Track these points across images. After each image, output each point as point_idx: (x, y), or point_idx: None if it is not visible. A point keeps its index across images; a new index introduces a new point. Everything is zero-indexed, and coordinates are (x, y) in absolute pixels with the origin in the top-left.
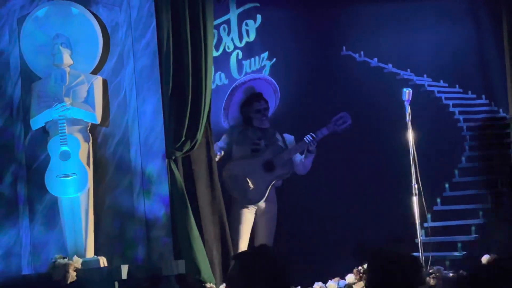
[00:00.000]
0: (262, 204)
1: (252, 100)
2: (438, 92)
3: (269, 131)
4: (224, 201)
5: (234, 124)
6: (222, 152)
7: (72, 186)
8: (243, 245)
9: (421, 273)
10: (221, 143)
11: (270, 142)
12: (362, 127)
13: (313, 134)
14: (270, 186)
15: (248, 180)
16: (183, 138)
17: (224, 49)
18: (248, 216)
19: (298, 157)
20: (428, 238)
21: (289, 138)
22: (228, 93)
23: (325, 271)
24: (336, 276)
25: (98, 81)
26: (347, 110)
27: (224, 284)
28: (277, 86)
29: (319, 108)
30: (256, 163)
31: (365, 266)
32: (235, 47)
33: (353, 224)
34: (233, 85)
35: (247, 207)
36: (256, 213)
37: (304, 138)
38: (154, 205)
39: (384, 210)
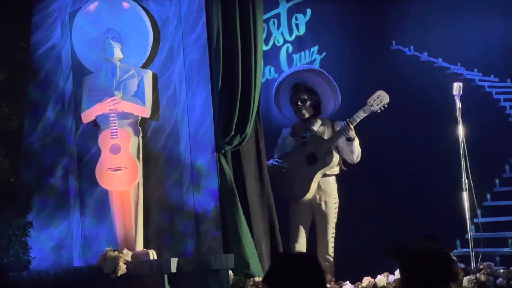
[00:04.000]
0: (317, 197)
1: (292, 92)
2: (489, 86)
3: (313, 121)
4: (280, 197)
5: (292, 116)
6: None
7: (122, 180)
8: (302, 240)
9: (454, 268)
10: (275, 152)
11: (315, 134)
12: (412, 122)
13: (348, 119)
14: (316, 179)
15: (293, 176)
16: (233, 132)
17: (274, 43)
18: (304, 210)
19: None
20: (479, 234)
21: (341, 123)
22: (274, 89)
23: (374, 265)
24: (386, 271)
25: (148, 75)
26: (396, 105)
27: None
28: (328, 75)
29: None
30: (300, 157)
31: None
32: (285, 41)
33: (402, 219)
34: (277, 82)
35: (303, 202)
36: (312, 207)
37: (340, 125)
38: (203, 199)
39: (434, 206)
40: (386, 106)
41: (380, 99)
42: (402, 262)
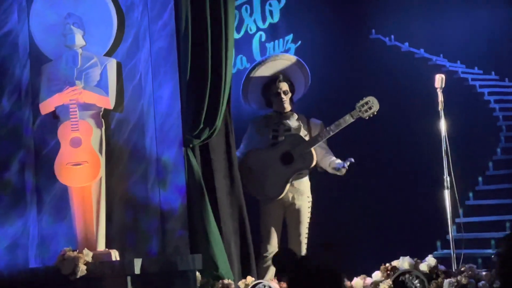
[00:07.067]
0: (290, 197)
1: (271, 81)
2: (473, 79)
3: (289, 115)
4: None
5: (257, 107)
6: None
7: (83, 175)
8: (273, 240)
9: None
10: (243, 143)
11: (289, 128)
12: (391, 115)
13: (351, 160)
14: (290, 180)
15: (265, 174)
16: (201, 125)
17: (246, 31)
18: (275, 209)
19: (328, 159)
20: (460, 234)
21: (316, 122)
22: (245, 75)
23: (351, 267)
24: (362, 274)
25: (112, 64)
26: (376, 97)
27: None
28: (304, 64)
29: (346, 94)
30: (273, 155)
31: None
32: (258, 29)
33: (380, 218)
34: (251, 66)
35: (274, 201)
36: (285, 206)
37: (340, 164)
38: (169, 196)
39: (414, 204)
40: (376, 113)
41: (369, 106)
42: (289, 276)
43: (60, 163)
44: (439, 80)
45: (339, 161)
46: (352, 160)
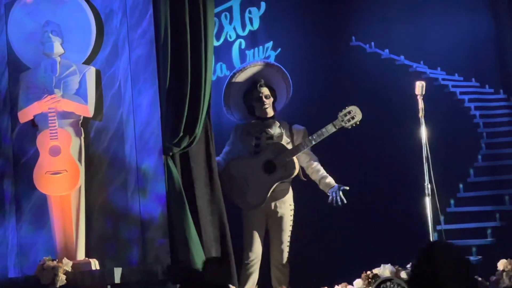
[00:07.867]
0: (272, 205)
1: (252, 87)
2: (453, 86)
3: (271, 122)
4: (232, 202)
5: (239, 117)
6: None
7: (63, 184)
8: (255, 248)
9: None
10: (225, 148)
11: (272, 136)
12: (372, 123)
13: (345, 188)
14: (272, 189)
15: (247, 183)
16: (181, 133)
17: (226, 38)
18: (258, 217)
19: (318, 173)
20: None
21: (299, 128)
22: (226, 82)
23: (332, 275)
24: (344, 282)
25: (90, 72)
26: (356, 105)
27: None
28: (285, 71)
29: (326, 102)
30: (255, 163)
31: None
32: (238, 36)
33: (362, 226)
34: (231, 73)
35: (256, 209)
36: (267, 214)
37: (332, 190)
38: (150, 204)
39: (395, 212)
40: (358, 123)
41: (352, 115)
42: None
43: (39, 171)
44: (420, 87)
45: (330, 180)
46: (347, 188)
